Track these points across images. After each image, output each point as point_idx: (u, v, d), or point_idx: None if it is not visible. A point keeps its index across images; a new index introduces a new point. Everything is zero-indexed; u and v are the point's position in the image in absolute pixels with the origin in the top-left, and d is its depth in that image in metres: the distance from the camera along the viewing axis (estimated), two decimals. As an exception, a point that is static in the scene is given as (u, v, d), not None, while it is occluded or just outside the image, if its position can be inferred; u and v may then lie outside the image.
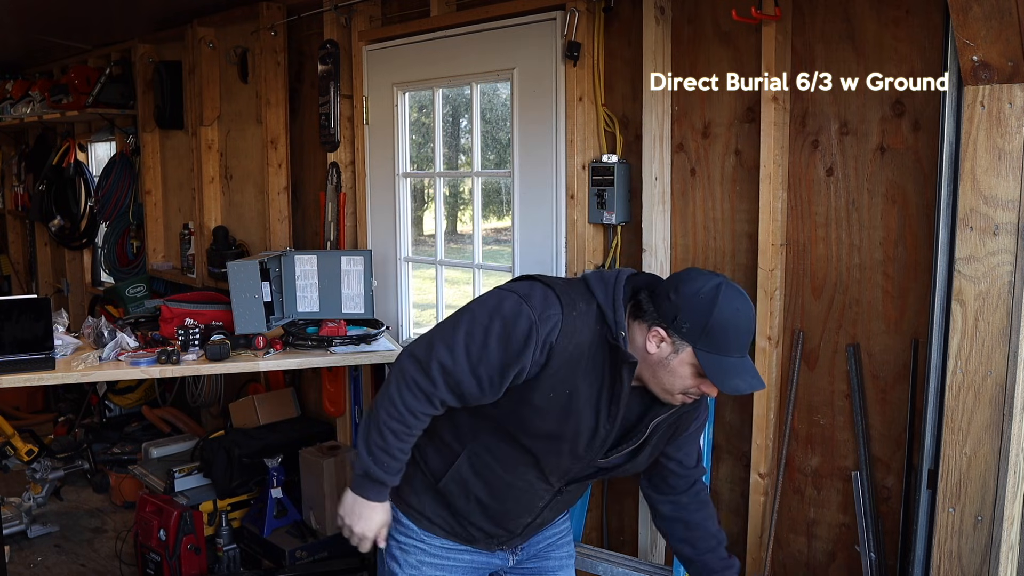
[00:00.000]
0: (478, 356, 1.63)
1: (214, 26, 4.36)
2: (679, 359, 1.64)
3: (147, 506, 3.57)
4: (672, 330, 1.64)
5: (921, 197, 2.24)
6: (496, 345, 1.62)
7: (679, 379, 1.66)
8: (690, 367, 1.64)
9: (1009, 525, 1.95)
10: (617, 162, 2.75)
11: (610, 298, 1.66)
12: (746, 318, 1.64)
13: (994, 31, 1.81)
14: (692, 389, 1.67)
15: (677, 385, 1.67)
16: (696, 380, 1.65)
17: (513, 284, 1.73)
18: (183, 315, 3.21)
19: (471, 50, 3.13)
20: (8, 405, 5.32)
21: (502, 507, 1.82)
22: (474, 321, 1.65)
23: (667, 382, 1.67)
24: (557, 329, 1.62)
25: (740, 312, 1.63)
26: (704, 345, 1.61)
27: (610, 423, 1.71)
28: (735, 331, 1.62)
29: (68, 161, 5.92)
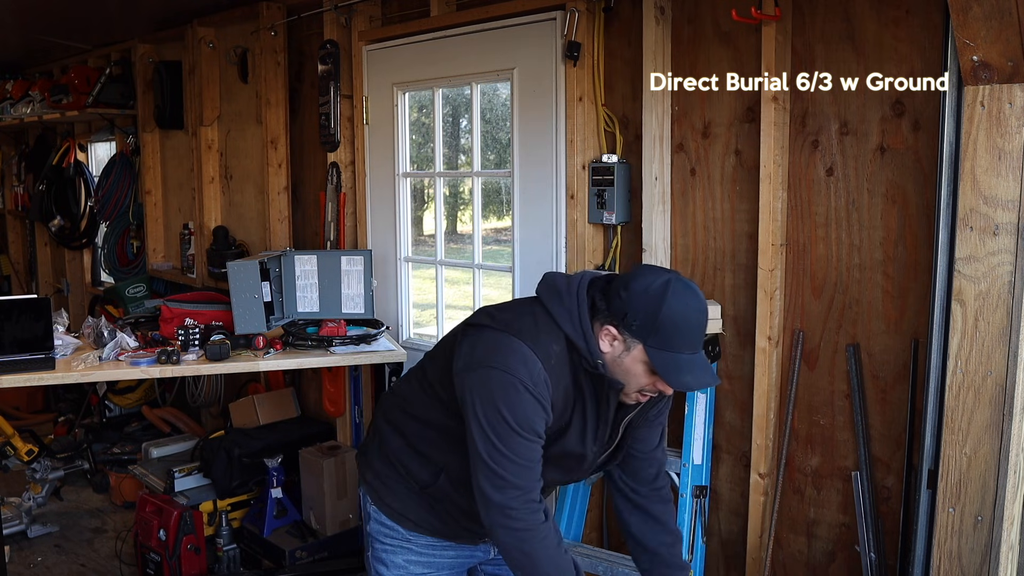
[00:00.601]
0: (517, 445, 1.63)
1: (214, 26, 4.36)
2: (631, 357, 1.64)
3: (147, 506, 3.56)
4: (623, 328, 1.64)
5: (921, 197, 2.24)
6: (521, 430, 1.63)
7: (633, 377, 1.66)
8: (643, 365, 1.64)
9: (1009, 525, 1.95)
10: (617, 162, 2.75)
11: (578, 328, 1.67)
12: (696, 314, 1.63)
13: (994, 31, 1.81)
14: (647, 387, 1.68)
15: (632, 384, 1.67)
16: (650, 378, 1.65)
17: (485, 351, 1.68)
18: (183, 315, 3.21)
19: (471, 50, 3.13)
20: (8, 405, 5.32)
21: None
22: (489, 433, 1.64)
23: (623, 380, 1.68)
24: (548, 384, 1.64)
25: (690, 308, 1.62)
26: (654, 342, 1.61)
27: (598, 445, 1.76)
28: (685, 327, 1.61)
29: (68, 161, 5.92)
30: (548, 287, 1.72)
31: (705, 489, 2.60)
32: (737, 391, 2.64)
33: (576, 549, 2.65)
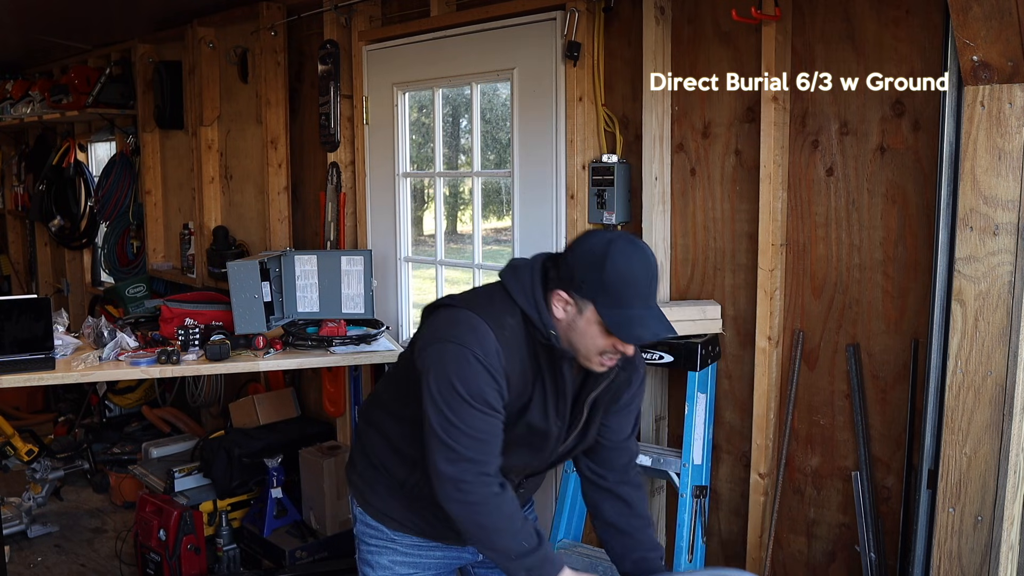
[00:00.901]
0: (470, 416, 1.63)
1: (214, 26, 4.36)
2: (585, 319, 1.65)
3: (147, 506, 3.57)
4: (573, 290, 1.65)
5: (921, 197, 2.24)
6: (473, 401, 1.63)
7: (590, 340, 1.66)
8: (597, 326, 1.64)
9: (1009, 525, 1.95)
10: (617, 162, 2.75)
11: (531, 300, 1.68)
12: (642, 268, 1.64)
13: (994, 31, 1.81)
14: (608, 350, 1.67)
15: (591, 347, 1.67)
16: (607, 339, 1.65)
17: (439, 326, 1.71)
18: (183, 315, 3.21)
19: (471, 50, 3.13)
20: (8, 405, 5.32)
21: None
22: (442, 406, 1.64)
23: (581, 346, 1.67)
24: (500, 354, 1.64)
25: (634, 262, 1.63)
26: (604, 300, 1.62)
27: (560, 420, 1.74)
28: (632, 282, 1.62)
29: (68, 161, 5.92)
30: (508, 268, 1.76)
31: (705, 489, 2.60)
32: (737, 391, 2.64)
33: (576, 549, 2.65)
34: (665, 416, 2.82)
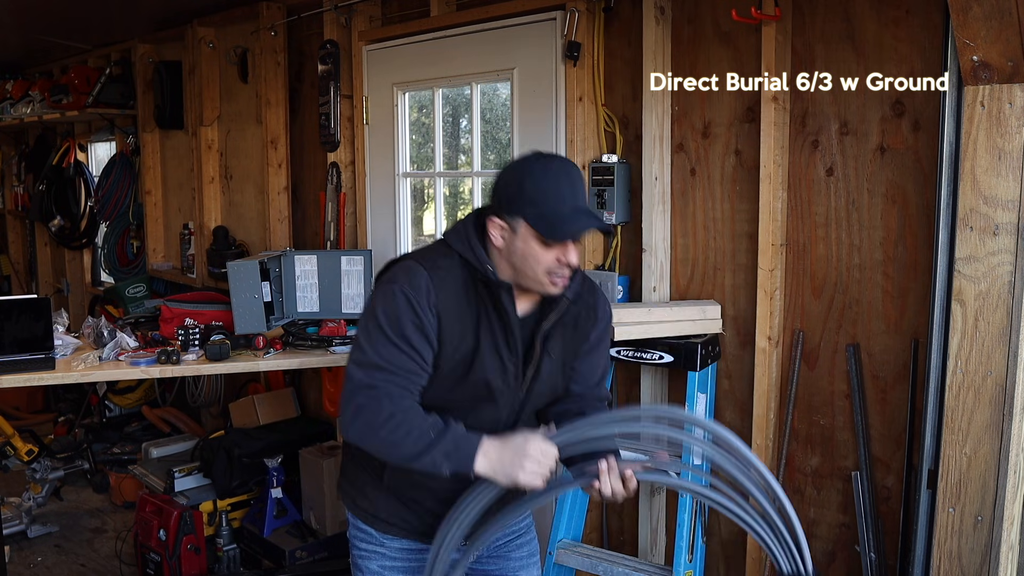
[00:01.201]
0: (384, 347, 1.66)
1: (214, 26, 4.36)
2: (521, 238, 1.67)
3: (147, 506, 3.57)
4: (503, 213, 1.69)
5: (921, 197, 2.24)
6: (390, 330, 1.66)
7: (532, 258, 1.67)
8: (534, 240, 1.66)
9: (1009, 525, 1.95)
10: (617, 162, 2.75)
11: (465, 241, 1.72)
12: (559, 171, 1.67)
13: (994, 31, 1.81)
14: (552, 266, 1.68)
15: (537, 266, 1.68)
16: (547, 251, 1.66)
17: (380, 276, 1.79)
18: (183, 315, 3.21)
19: (471, 50, 3.13)
20: (8, 405, 5.32)
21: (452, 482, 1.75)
22: (362, 339, 1.69)
23: (528, 268, 1.69)
24: (431, 290, 1.67)
25: (551, 169, 1.67)
26: (532, 211, 1.65)
27: (513, 356, 1.74)
28: (554, 187, 1.65)
29: (68, 161, 5.92)
30: (447, 230, 1.81)
31: (705, 489, 2.60)
32: (737, 391, 2.64)
33: (576, 549, 2.65)
34: (665, 416, 2.82)
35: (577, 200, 1.67)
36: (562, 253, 1.67)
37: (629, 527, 2.93)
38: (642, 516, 2.85)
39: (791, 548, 1.59)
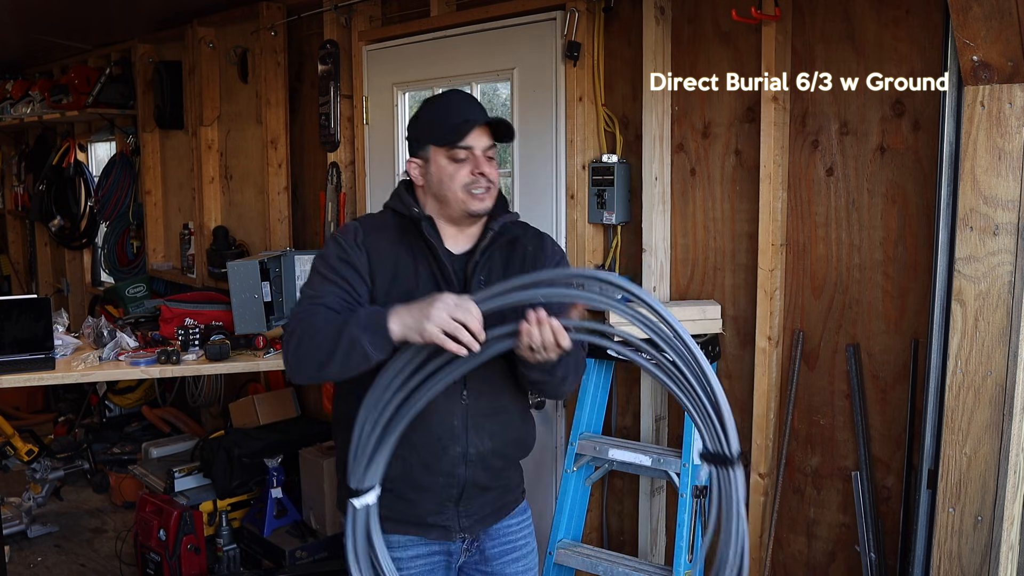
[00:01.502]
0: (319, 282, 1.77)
1: (214, 26, 4.36)
2: (434, 164, 1.77)
3: (147, 506, 3.56)
4: (415, 150, 1.81)
5: (921, 197, 2.24)
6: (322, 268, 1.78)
7: (447, 178, 1.76)
8: (443, 158, 1.76)
9: (1009, 525, 1.95)
10: (617, 162, 2.75)
11: (395, 197, 1.85)
12: (451, 94, 1.83)
13: (994, 31, 1.81)
14: (467, 179, 1.75)
15: (454, 186, 1.75)
16: (459, 167, 1.75)
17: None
18: (183, 315, 3.21)
19: (471, 50, 3.12)
20: (8, 405, 5.32)
21: (425, 447, 1.78)
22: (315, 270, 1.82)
23: (446, 191, 1.76)
24: (359, 231, 1.79)
25: (443, 97, 1.84)
26: (434, 135, 1.76)
27: (452, 290, 1.74)
28: (446, 109, 1.79)
29: (68, 161, 5.92)
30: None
31: (705, 489, 2.60)
32: (737, 391, 2.64)
33: (576, 549, 2.65)
34: (665, 416, 2.82)
35: (472, 108, 1.78)
36: (474, 165, 1.75)
37: (629, 527, 2.93)
38: (642, 516, 2.85)
39: (716, 427, 1.58)
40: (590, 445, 2.66)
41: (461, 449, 1.80)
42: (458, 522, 1.85)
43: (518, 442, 1.91)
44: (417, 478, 1.81)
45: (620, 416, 2.91)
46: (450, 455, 1.80)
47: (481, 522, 1.89)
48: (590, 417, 2.73)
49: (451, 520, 1.85)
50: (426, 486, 1.81)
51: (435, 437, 1.78)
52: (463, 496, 1.84)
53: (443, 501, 1.83)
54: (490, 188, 1.78)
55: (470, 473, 1.82)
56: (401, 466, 1.80)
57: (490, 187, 1.78)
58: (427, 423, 1.77)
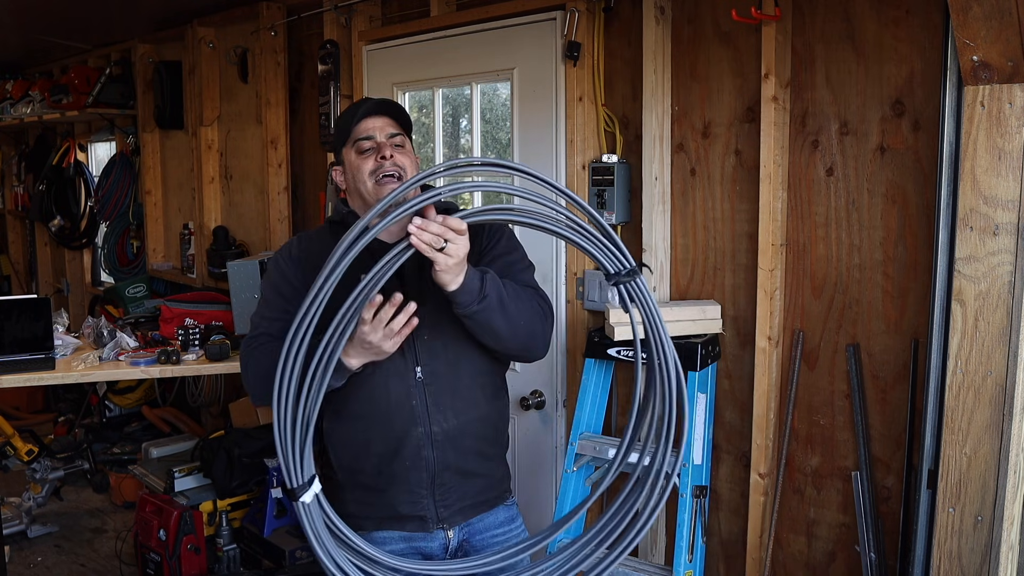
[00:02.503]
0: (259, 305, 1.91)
1: (214, 26, 4.36)
2: (347, 163, 1.86)
3: (147, 506, 3.57)
4: (336, 160, 1.91)
5: (921, 197, 2.24)
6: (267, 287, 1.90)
7: (357, 171, 1.83)
8: (352, 154, 1.84)
9: (1009, 525, 1.95)
10: (617, 162, 2.75)
11: (332, 209, 1.92)
12: (358, 103, 1.90)
13: (994, 31, 1.81)
14: (371, 165, 1.81)
15: (363, 176, 1.82)
16: (362, 157, 1.83)
17: None
18: (183, 315, 3.22)
19: (471, 50, 3.13)
20: (8, 405, 5.32)
21: (387, 433, 1.78)
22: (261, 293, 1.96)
23: (360, 182, 1.83)
24: (294, 244, 1.91)
25: (348, 107, 1.94)
26: (340, 136, 1.87)
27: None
28: (350, 112, 1.87)
29: (68, 161, 5.93)
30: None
31: (705, 489, 2.60)
32: (737, 391, 2.64)
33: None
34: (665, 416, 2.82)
35: (368, 102, 1.86)
36: (378, 153, 1.81)
37: (629, 527, 2.93)
38: (642, 516, 2.85)
39: (609, 249, 1.63)
40: (590, 445, 2.66)
41: (424, 429, 1.79)
42: (435, 511, 1.83)
43: (485, 420, 1.88)
44: (384, 466, 1.80)
45: (620, 416, 2.91)
46: (413, 437, 1.79)
47: (460, 513, 1.86)
48: (590, 417, 2.73)
49: (427, 509, 1.83)
50: (394, 473, 1.80)
51: (395, 421, 1.79)
52: (436, 482, 1.82)
53: (414, 488, 1.82)
54: (399, 175, 1.81)
55: (439, 455, 1.81)
56: (367, 457, 1.80)
57: (397, 172, 1.80)
58: (385, 409, 1.78)
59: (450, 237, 1.57)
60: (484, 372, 1.88)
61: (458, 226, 1.57)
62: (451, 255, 1.58)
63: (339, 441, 1.85)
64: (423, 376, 1.80)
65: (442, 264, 1.59)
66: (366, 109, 1.84)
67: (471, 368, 1.85)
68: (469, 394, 1.85)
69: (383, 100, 1.88)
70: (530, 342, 1.83)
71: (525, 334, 1.79)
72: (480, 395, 1.87)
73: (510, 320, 1.74)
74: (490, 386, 1.91)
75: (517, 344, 1.81)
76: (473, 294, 1.67)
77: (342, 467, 1.86)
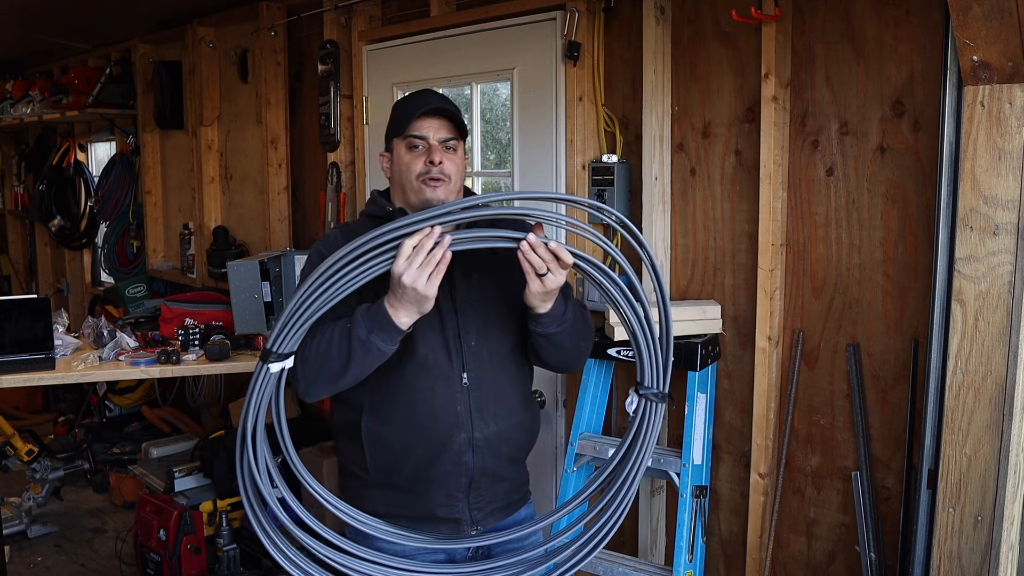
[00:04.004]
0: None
1: (214, 26, 4.36)
2: (396, 155, 1.84)
3: (147, 506, 3.56)
4: (386, 146, 1.89)
5: (921, 197, 2.24)
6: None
7: (405, 167, 1.81)
8: (402, 149, 1.82)
9: (1009, 525, 1.95)
10: (617, 162, 2.75)
11: (369, 202, 1.91)
12: (416, 93, 1.89)
13: (994, 31, 1.81)
14: (420, 166, 1.79)
15: (410, 174, 1.80)
16: (412, 155, 1.80)
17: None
18: (183, 315, 3.22)
19: (471, 50, 3.13)
20: (8, 405, 5.32)
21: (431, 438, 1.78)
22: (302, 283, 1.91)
23: (405, 181, 1.81)
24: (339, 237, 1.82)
25: (410, 93, 1.91)
26: (397, 128, 1.84)
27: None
28: (406, 103, 1.86)
29: (68, 161, 5.93)
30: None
31: (705, 489, 2.60)
32: (737, 391, 2.64)
33: (576, 549, 2.65)
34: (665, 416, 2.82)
35: (428, 100, 1.82)
36: (428, 155, 1.79)
37: (629, 527, 2.93)
38: (642, 516, 2.86)
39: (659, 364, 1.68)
40: (590, 445, 2.66)
41: (467, 435, 1.80)
42: (469, 514, 1.85)
43: (522, 426, 1.91)
44: (422, 471, 1.80)
45: (620, 416, 2.91)
46: (456, 442, 1.79)
47: (492, 515, 1.89)
48: (590, 417, 2.73)
49: (462, 512, 1.84)
50: (433, 478, 1.81)
51: (439, 426, 1.79)
52: (472, 485, 1.83)
53: (452, 492, 1.82)
54: (444, 180, 1.79)
55: (479, 460, 1.82)
56: (405, 460, 1.80)
57: (444, 178, 1.79)
58: (429, 412, 1.78)
59: (554, 268, 1.62)
60: (522, 380, 1.92)
61: (566, 259, 1.62)
62: (548, 285, 1.64)
63: (377, 442, 1.83)
64: (469, 382, 1.81)
65: (536, 289, 1.64)
66: (425, 109, 1.81)
67: (512, 375, 1.89)
68: (509, 401, 1.87)
69: (443, 101, 1.84)
70: (579, 360, 1.93)
71: (580, 352, 1.89)
72: (518, 402, 1.90)
73: (576, 341, 1.82)
74: (526, 393, 1.95)
75: (573, 361, 1.92)
76: (557, 317, 1.73)
77: (377, 468, 1.84)
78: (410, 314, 1.64)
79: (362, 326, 1.64)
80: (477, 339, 1.81)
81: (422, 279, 1.57)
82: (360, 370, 1.69)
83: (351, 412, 1.85)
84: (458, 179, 1.83)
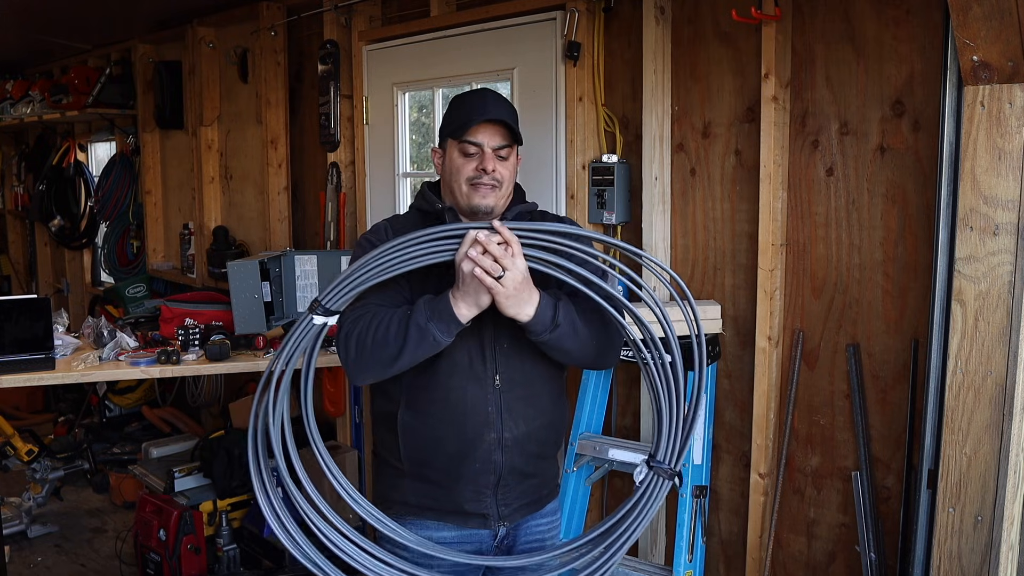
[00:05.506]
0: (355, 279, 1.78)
1: (214, 26, 4.36)
2: (448, 156, 1.88)
3: (147, 506, 3.57)
4: (439, 142, 1.93)
5: (921, 197, 2.24)
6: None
7: (456, 170, 1.85)
8: (455, 151, 1.85)
9: (1009, 525, 1.95)
10: (617, 162, 2.75)
11: (419, 196, 1.95)
12: (473, 93, 1.90)
13: (994, 31, 1.81)
14: (471, 171, 1.83)
15: (460, 177, 1.84)
16: (467, 160, 1.84)
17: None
18: (183, 315, 3.21)
19: (471, 50, 3.12)
20: (8, 405, 5.32)
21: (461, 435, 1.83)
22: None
23: (455, 182, 1.85)
24: (389, 230, 1.90)
25: (470, 92, 1.92)
26: (453, 130, 1.86)
27: None
28: (464, 102, 1.87)
29: (68, 161, 5.93)
30: None
31: (705, 489, 2.60)
32: (737, 391, 2.64)
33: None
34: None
35: (487, 107, 1.83)
36: (480, 161, 1.82)
37: (629, 527, 2.93)
38: (642, 516, 2.85)
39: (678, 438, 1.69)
40: (590, 445, 2.66)
41: (496, 435, 1.84)
42: (496, 510, 1.89)
43: (551, 426, 1.95)
44: (452, 466, 1.85)
45: (620, 416, 2.91)
46: (486, 441, 1.84)
47: (519, 511, 1.93)
48: (590, 417, 2.73)
49: (490, 508, 1.89)
50: (463, 474, 1.85)
51: (468, 424, 1.83)
52: (500, 483, 1.88)
53: (481, 488, 1.87)
54: (495, 186, 1.83)
55: (507, 459, 1.86)
56: (437, 453, 1.85)
57: (495, 184, 1.83)
58: (460, 410, 1.82)
59: (507, 264, 1.63)
60: (553, 378, 1.96)
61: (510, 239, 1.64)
62: (505, 285, 1.64)
63: (411, 433, 1.88)
64: (500, 384, 1.85)
65: (500, 293, 1.65)
66: (482, 117, 1.82)
67: (543, 376, 1.92)
68: (539, 401, 1.91)
69: (500, 110, 1.85)
70: (599, 359, 1.92)
71: (595, 352, 1.87)
72: (548, 401, 1.93)
73: (582, 342, 1.81)
74: (557, 391, 1.98)
75: (588, 360, 1.91)
76: (545, 324, 1.74)
77: (411, 459, 1.89)
78: (470, 307, 1.68)
79: (422, 313, 1.69)
80: (510, 342, 1.85)
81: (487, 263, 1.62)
82: (412, 357, 1.72)
83: (389, 403, 1.91)
84: (509, 184, 1.87)
